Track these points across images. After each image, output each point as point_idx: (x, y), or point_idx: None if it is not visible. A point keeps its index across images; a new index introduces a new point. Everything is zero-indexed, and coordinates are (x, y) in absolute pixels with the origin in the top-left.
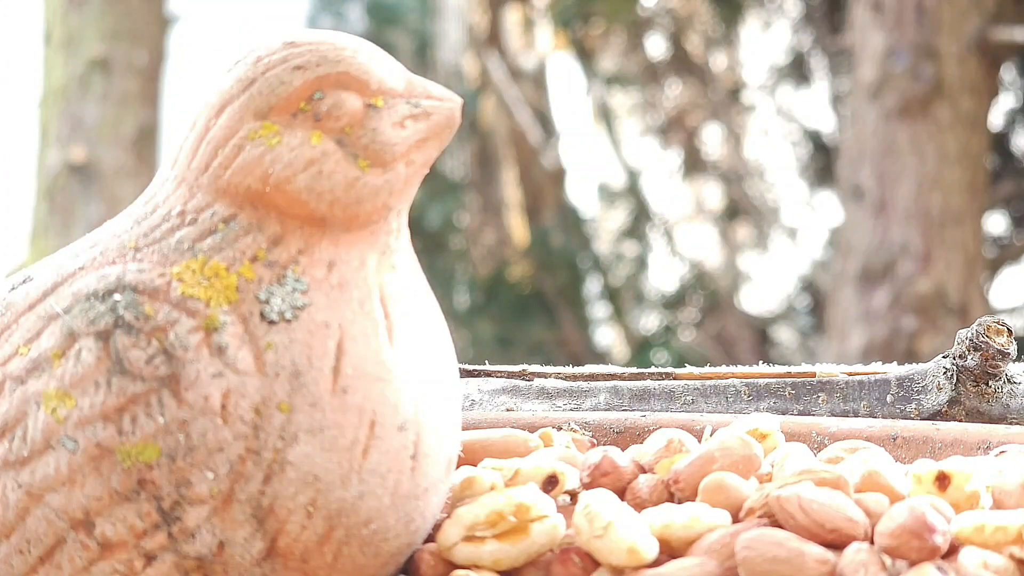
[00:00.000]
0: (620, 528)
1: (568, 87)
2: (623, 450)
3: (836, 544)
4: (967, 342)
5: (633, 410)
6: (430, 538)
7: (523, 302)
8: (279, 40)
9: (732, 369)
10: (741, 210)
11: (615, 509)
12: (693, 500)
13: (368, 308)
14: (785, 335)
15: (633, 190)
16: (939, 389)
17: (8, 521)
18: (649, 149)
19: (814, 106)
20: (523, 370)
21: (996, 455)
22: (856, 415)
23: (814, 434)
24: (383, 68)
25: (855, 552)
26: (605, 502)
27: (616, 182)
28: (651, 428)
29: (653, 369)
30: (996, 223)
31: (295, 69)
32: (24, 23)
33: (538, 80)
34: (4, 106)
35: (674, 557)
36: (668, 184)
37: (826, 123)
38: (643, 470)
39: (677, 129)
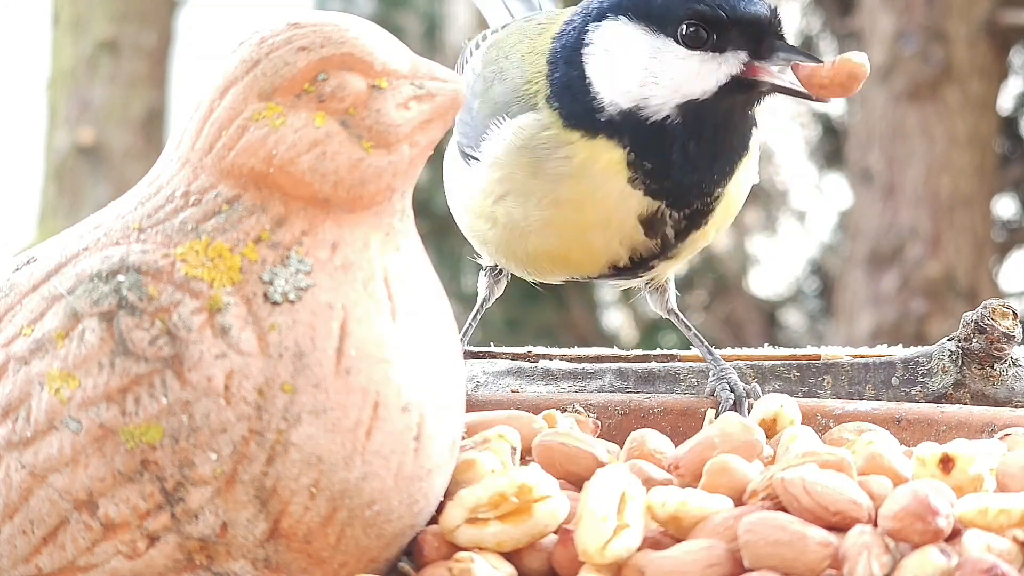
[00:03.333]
0: (590, 520)
1: None
2: (628, 432)
3: (840, 527)
4: (972, 325)
5: (638, 392)
6: (434, 519)
7: (531, 285)
8: (283, 21)
9: (738, 352)
10: (750, 193)
11: (597, 499)
12: (694, 486)
13: (372, 289)
14: (794, 318)
15: None
16: (944, 372)
17: (11, 502)
18: None
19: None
20: (528, 352)
21: (1000, 438)
22: (861, 398)
23: (819, 416)
24: (387, 49)
25: (858, 535)
26: (601, 491)
27: None
28: (656, 410)
29: (658, 352)
30: (1005, 206)
31: (299, 50)
32: (33, 4)
33: None
34: (13, 88)
35: (679, 540)
36: None
37: (835, 106)
38: None
39: None
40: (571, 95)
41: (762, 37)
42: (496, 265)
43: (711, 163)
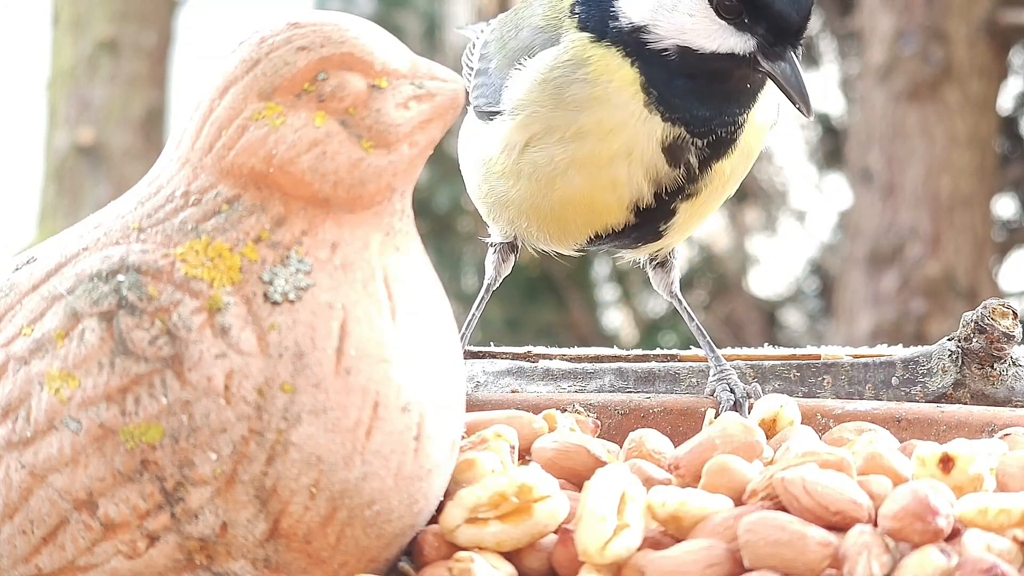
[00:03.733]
0: (590, 520)
1: None
2: (628, 432)
3: (840, 526)
4: (972, 325)
5: (638, 392)
6: (434, 519)
7: (531, 284)
8: (283, 21)
9: (737, 351)
10: (750, 193)
11: (597, 499)
12: (694, 486)
13: (372, 289)
14: (793, 318)
15: None
16: (944, 372)
17: (11, 502)
18: None
19: (823, 89)
20: (528, 352)
21: (1000, 437)
22: (861, 398)
23: (819, 416)
24: (387, 49)
25: (858, 534)
26: (601, 491)
27: None
28: (656, 410)
29: (658, 352)
30: (1005, 206)
31: (299, 50)
32: (33, 4)
33: None
34: (13, 88)
35: (679, 540)
36: None
37: (835, 106)
38: None
39: None
40: (594, 14)
41: (782, 39)
42: (506, 241)
43: (721, 103)
